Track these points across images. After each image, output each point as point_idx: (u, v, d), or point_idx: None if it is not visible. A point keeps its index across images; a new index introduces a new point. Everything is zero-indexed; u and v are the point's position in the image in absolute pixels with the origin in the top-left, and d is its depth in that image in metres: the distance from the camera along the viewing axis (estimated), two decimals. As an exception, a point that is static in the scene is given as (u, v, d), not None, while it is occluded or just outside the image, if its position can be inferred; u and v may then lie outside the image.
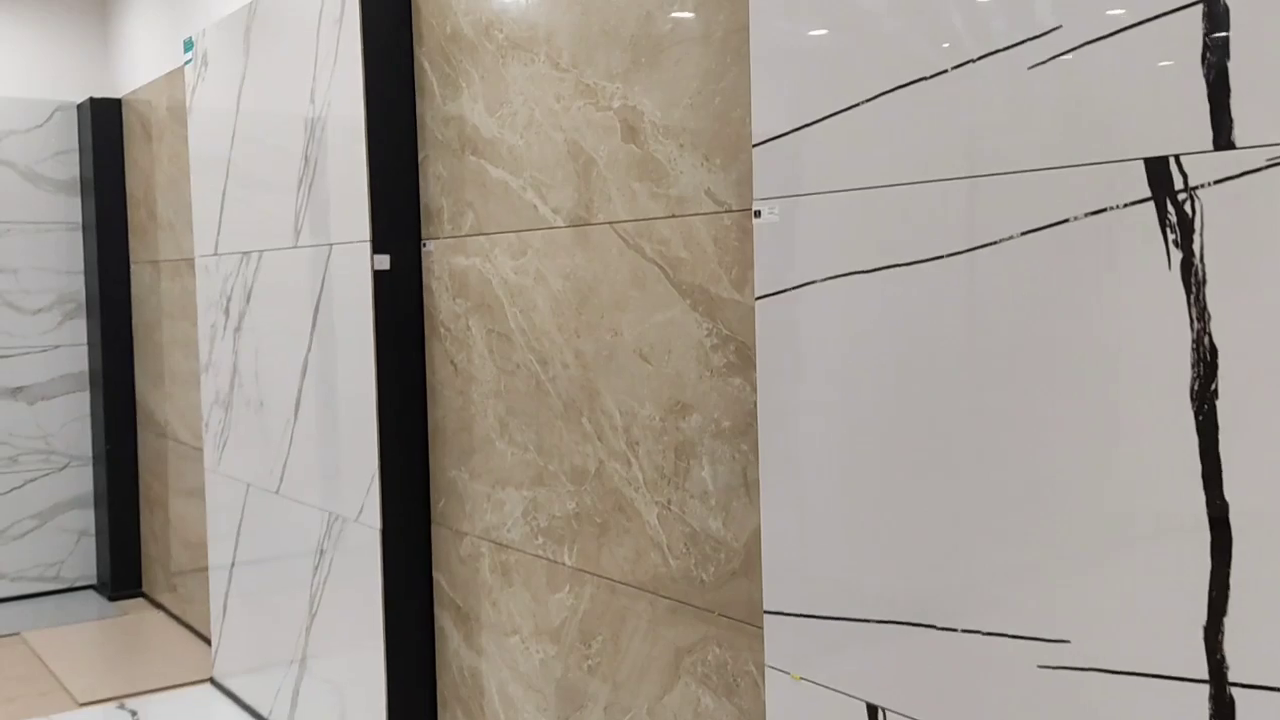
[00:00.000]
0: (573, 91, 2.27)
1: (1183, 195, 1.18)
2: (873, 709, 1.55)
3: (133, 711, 3.62)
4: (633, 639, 2.20)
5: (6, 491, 4.86)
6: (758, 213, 1.67)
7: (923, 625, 1.48)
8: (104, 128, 4.85)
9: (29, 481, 4.90)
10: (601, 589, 2.28)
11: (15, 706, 3.68)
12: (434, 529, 2.82)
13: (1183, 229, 1.19)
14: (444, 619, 2.80)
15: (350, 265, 2.84)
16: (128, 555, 4.93)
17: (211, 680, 3.84)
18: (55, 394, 4.96)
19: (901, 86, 1.45)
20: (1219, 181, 1.15)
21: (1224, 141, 1.14)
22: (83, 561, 5.02)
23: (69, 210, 4.98)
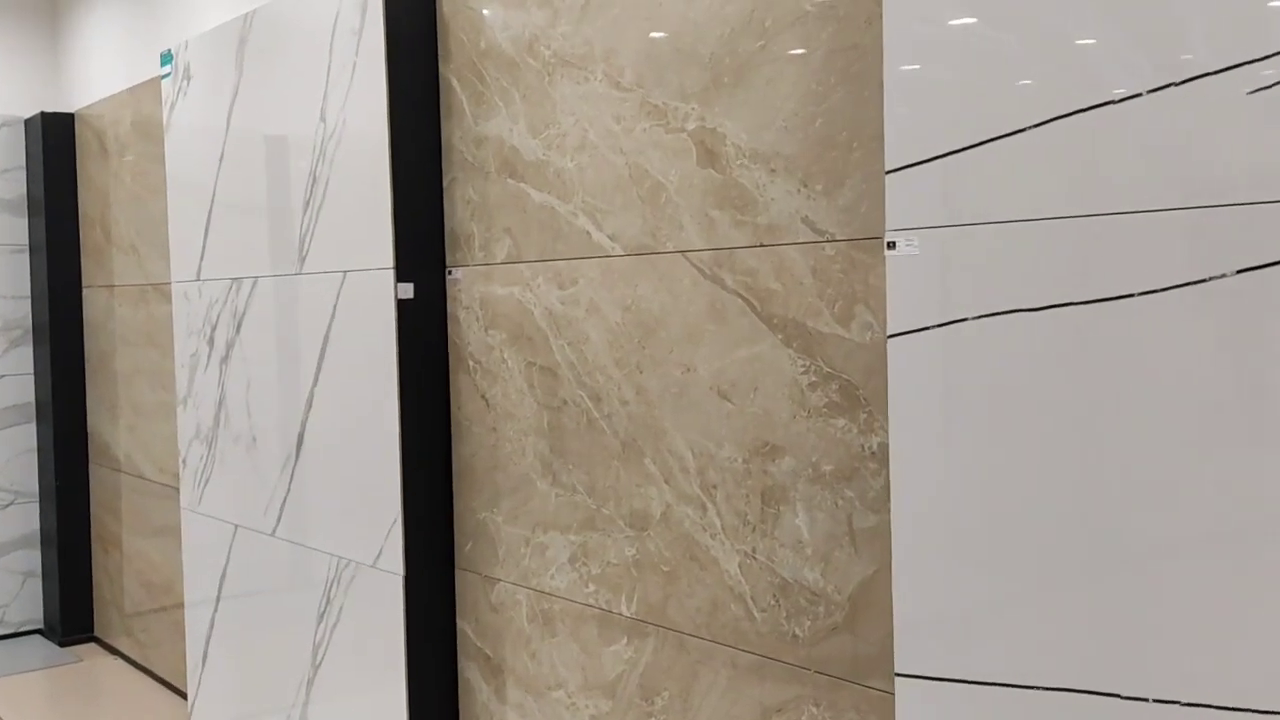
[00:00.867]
0: (636, 112, 2.14)
1: None
2: (1036, 780, 1.44)
3: (104, 771, 3.36)
4: (708, 695, 2.06)
5: (-54, 531, 4.53)
6: (891, 244, 1.55)
7: (1103, 694, 1.37)
8: (55, 143, 4.57)
9: (-30, 520, 4.58)
10: (668, 642, 2.14)
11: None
12: (459, 574, 2.65)
13: None
14: (470, 670, 2.63)
15: (368, 293, 2.67)
16: (79, 597, 4.63)
17: (186, 734, 3.59)
18: (0, 426, 4.65)
19: (1081, 111, 1.35)
20: None
21: None
22: (29, 604, 4.70)
23: (15, 231, 4.68)
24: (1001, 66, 1.43)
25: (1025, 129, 1.40)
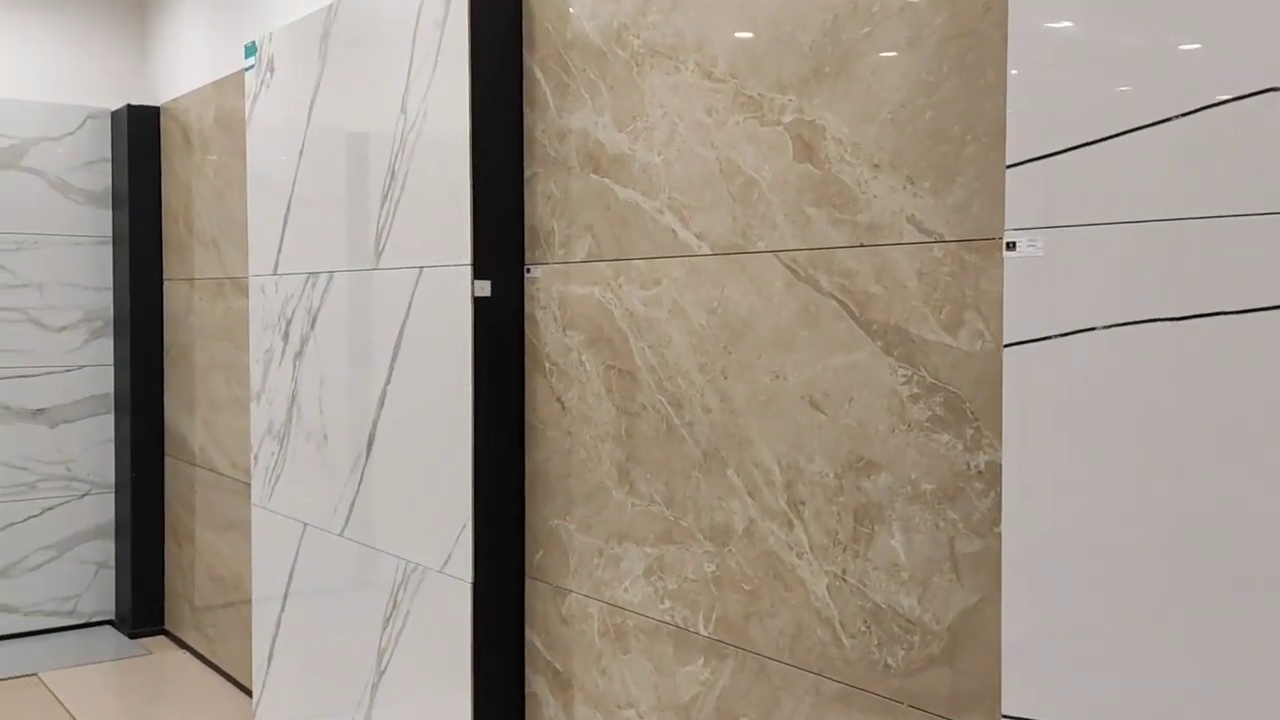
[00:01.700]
0: (729, 104, 2.03)
1: None
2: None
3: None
4: (789, 724, 1.94)
5: (23, 520, 4.56)
6: (1011, 245, 1.42)
7: (1246, 748, 1.22)
8: (140, 136, 4.60)
9: (47, 510, 4.61)
10: (747, 665, 2.02)
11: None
12: (528, 583, 2.56)
13: None
14: (537, 683, 2.53)
15: (444, 290, 2.59)
16: (150, 589, 4.64)
17: (250, 733, 3.55)
18: (78, 417, 4.67)
19: (1242, 97, 1.21)
20: None
21: None
22: (101, 595, 4.72)
23: (99, 223, 4.71)
24: (1144, 47, 1.29)
25: (1172, 118, 1.26)
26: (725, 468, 2.05)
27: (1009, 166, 1.42)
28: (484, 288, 2.53)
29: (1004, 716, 1.45)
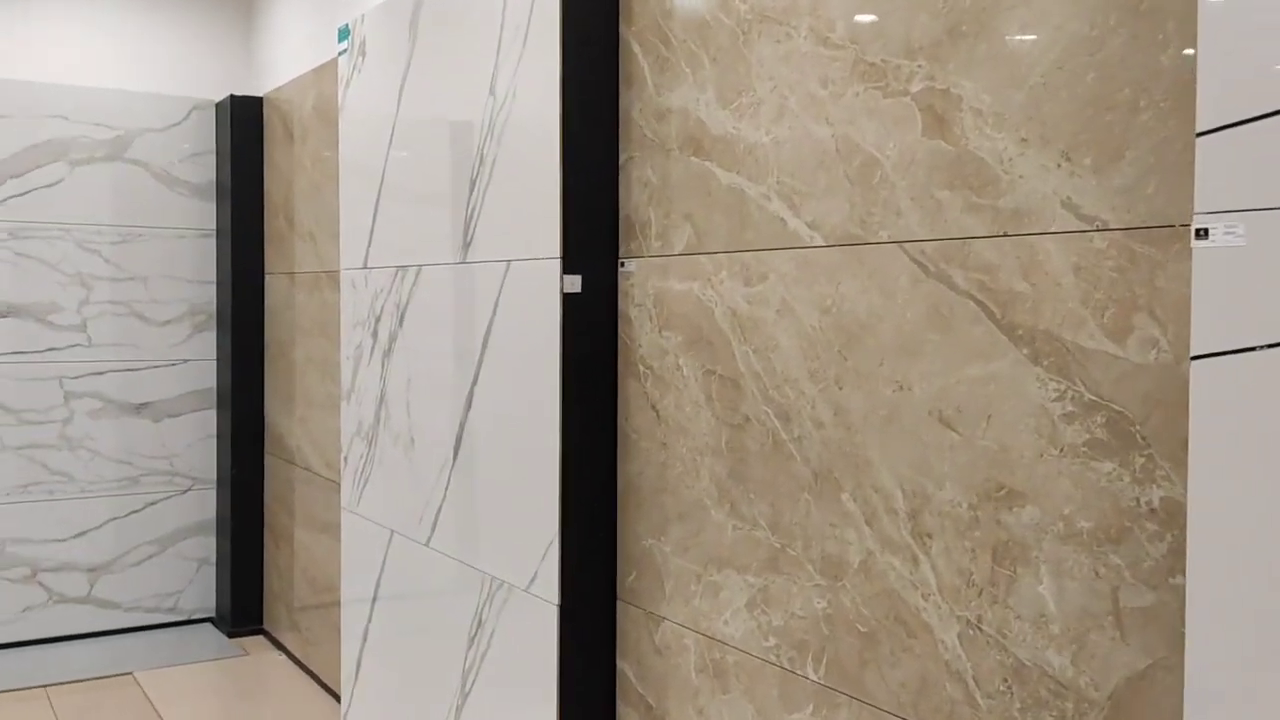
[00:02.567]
0: (848, 73, 1.76)
1: None
2: None
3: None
4: (911, 792, 1.67)
5: (126, 514, 4.54)
6: (1202, 232, 1.14)
7: None
8: (244, 128, 4.52)
9: (150, 504, 4.57)
10: (863, 717, 1.75)
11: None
12: (620, 607, 2.33)
13: None
14: (629, 717, 2.31)
15: (533, 285, 2.38)
16: (249, 588, 4.57)
17: (338, 745, 3.42)
18: (181, 411, 4.63)
19: None
20: None
21: None
22: (202, 592, 4.67)
23: (203, 216, 4.66)
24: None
25: None
26: (839, 491, 1.79)
27: (1200, 134, 1.13)
28: (574, 283, 2.31)
29: (1185, 819, 1.17)
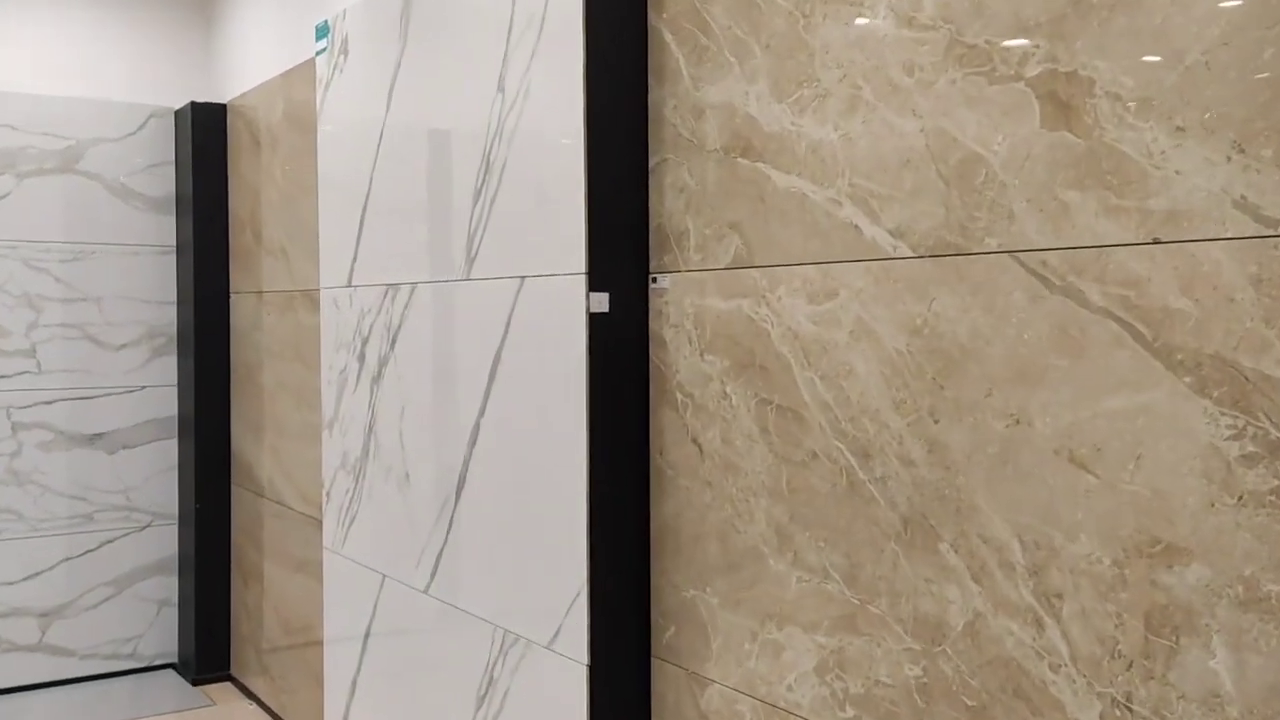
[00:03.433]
0: (940, 58, 1.53)
1: None
2: None
3: None
4: None
5: (80, 554, 4.19)
6: None
7: None
8: (206, 137, 4.22)
9: (106, 543, 4.24)
10: (970, 805, 1.51)
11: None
12: (655, 666, 2.07)
13: None
14: (667, 791, 2.05)
15: (551, 305, 2.12)
16: (215, 631, 4.24)
17: (321, 809, 3.12)
18: (138, 442, 4.30)
19: None
20: None
21: None
22: (163, 637, 4.34)
23: (162, 231, 4.34)
24: None
25: None
26: (936, 540, 1.54)
27: None
28: (601, 301, 2.05)
29: None
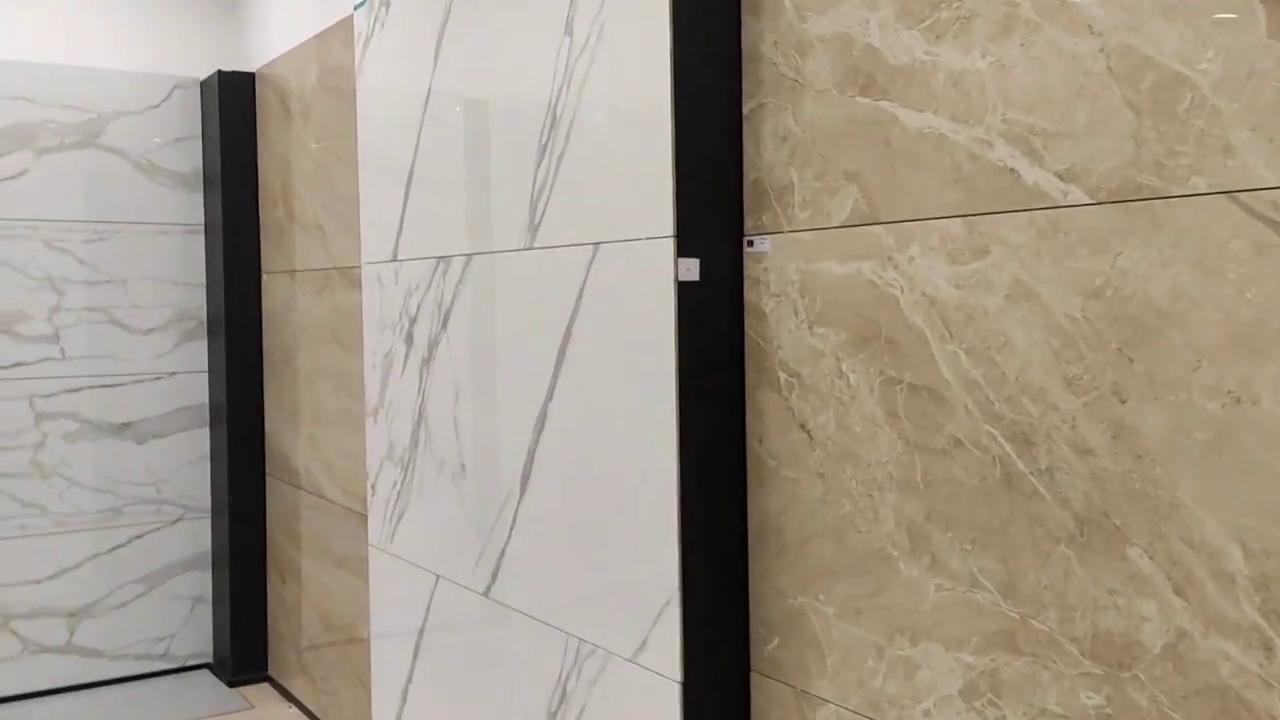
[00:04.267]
0: (1129, -40, 1.26)
1: None
2: None
3: None
4: None
5: (109, 550, 3.98)
6: None
7: None
8: (234, 108, 3.98)
9: (135, 538, 4.02)
10: None
11: None
12: (755, 681, 1.83)
13: None
14: (771, 823, 1.80)
15: (632, 274, 1.87)
16: (252, 630, 4.03)
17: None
18: (169, 431, 4.08)
19: None
20: None
21: None
22: (197, 636, 4.13)
23: (189, 209, 4.11)
24: None
25: None
26: (1124, 544, 1.28)
27: None
28: (690, 269, 1.80)
29: None
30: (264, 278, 4.02)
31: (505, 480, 2.24)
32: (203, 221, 4.13)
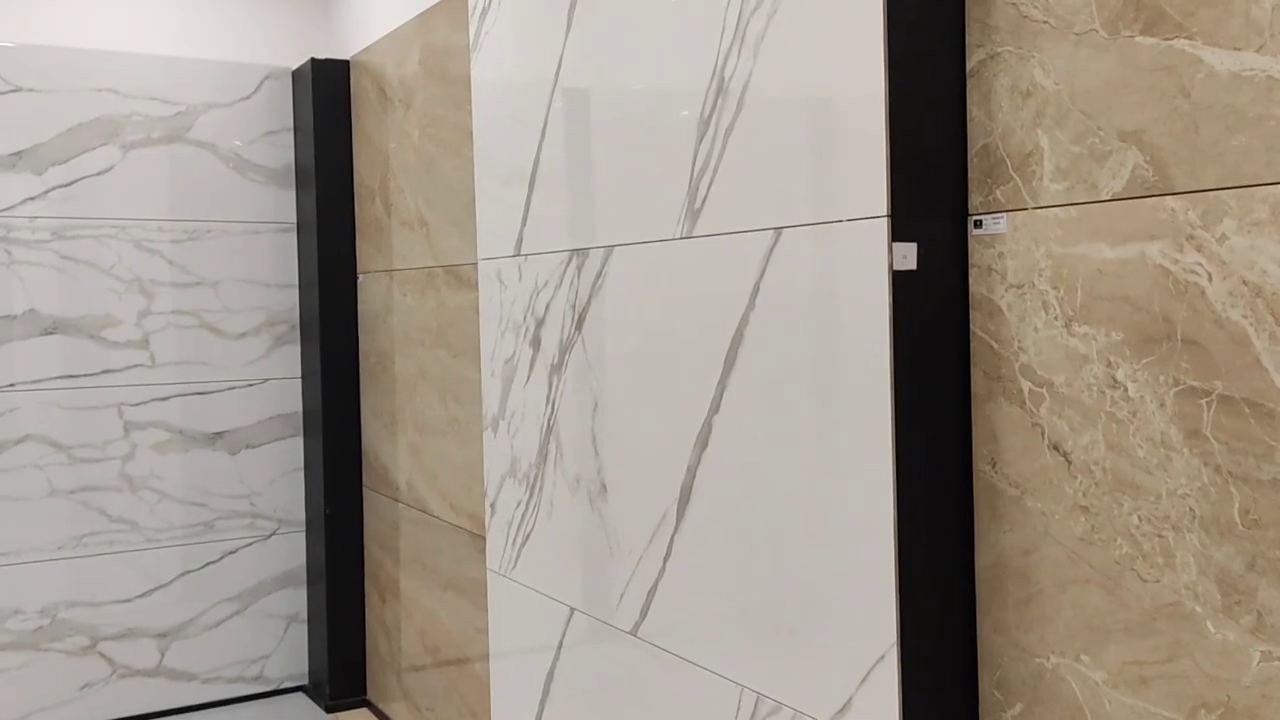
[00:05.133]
0: None
1: None
2: None
3: None
4: None
5: (200, 566, 3.77)
6: None
7: None
8: (328, 98, 3.74)
9: (228, 554, 3.81)
10: None
11: None
12: (987, 754, 1.51)
13: None
14: None
15: (828, 263, 1.56)
16: (349, 650, 3.79)
17: None
18: (262, 441, 3.86)
19: None
20: None
21: None
22: (292, 656, 3.90)
23: (282, 206, 3.89)
24: None
25: None
26: None
27: None
28: (906, 255, 1.49)
29: None
30: (360, 278, 3.78)
31: (658, 503, 1.95)
32: (295, 220, 3.90)
